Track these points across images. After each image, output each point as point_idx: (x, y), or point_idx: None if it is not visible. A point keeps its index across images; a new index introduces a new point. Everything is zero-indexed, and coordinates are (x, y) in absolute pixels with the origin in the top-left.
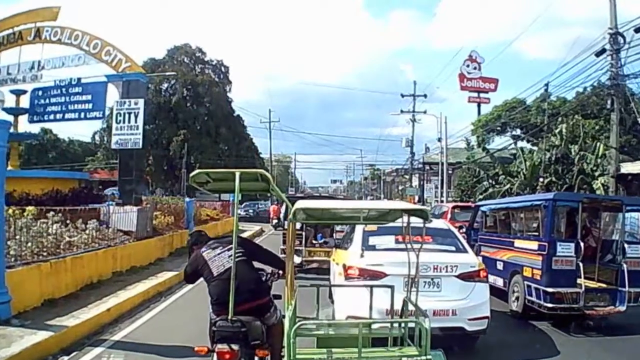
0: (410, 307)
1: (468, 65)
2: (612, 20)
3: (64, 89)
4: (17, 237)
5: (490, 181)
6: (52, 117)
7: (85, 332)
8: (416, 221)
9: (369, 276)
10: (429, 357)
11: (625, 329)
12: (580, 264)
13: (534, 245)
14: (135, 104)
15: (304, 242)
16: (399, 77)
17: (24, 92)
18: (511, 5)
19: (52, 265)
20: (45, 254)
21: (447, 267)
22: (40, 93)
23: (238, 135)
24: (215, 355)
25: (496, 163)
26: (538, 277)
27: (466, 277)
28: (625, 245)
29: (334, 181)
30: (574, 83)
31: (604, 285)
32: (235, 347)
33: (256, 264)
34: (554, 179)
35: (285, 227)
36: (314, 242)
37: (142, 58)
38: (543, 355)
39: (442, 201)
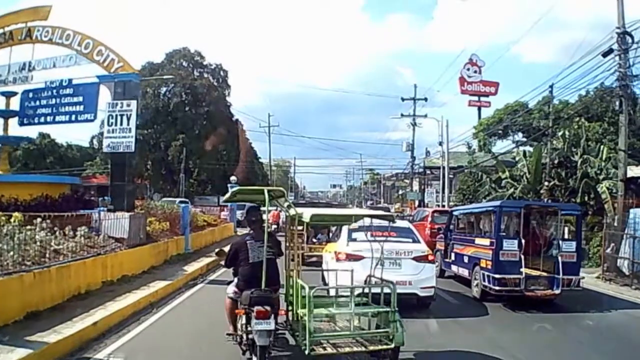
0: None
1: (468, 69)
2: (619, 19)
3: (54, 91)
4: (0, 245)
5: (493, 185)
6: (42, 119)
7: (68, 349)
8: (386, 222)
9: (352, 258)
10: (396, 309)
11: (561, 308)
12: (522, 256)
13: (487, 242)
14: (128, 105)
15: (305, 240)
16: (398, 80)
17: (14, 93)
18: (509, 8)
19: (35, 276)
20: (29, 263)
21: (405, 252)
22: (30, 95)
23: (237, 139)
24: (254, 313)
25: (500, 167)
26: (490, 267)
27: (418, 259)
28: (561, 242)
29: (334, 186)
30: (579, 84)
31: (544, 273)
32: (268, 307)
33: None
34: (557, 182)
35: (284, 232)
36: (314, 240)
37: (140, 62)
38: (495, 323)
39: (443, 205)
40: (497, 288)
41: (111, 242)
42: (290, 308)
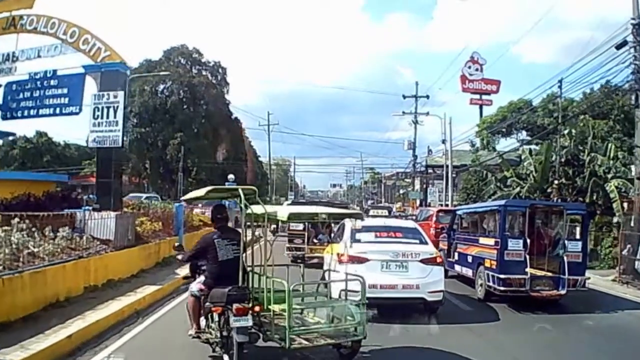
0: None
1: (470, 67)
2: (634, 10)
3: (38, 82)
4: None
5: (498, 184)
6: (25, 113)
7: None
8: (391, 222)
9: (356, 261)
10: (365, 301)
11: (566, 308)
12: (528, 256)
13: (492, 241)
14: (115, 97)
15: (306, 241)
16: (399, 80)
17: None
18: (509, 8)
19: (5, 282)
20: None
21: (412, 254)
22: (14, 87)
23: (236, 138)
24: (233, 310)
25: (505, 166)
26: (494, 267)
27: (426, 261)
28: (566, 242)
29: (334, 185)
30: (590, 79)
31: (549, 274)
32: (247, 305)
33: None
34: (564, 181)
35: (285, 232)
36: (314, 241)
37: (138, 60)
38: (499, 324)
39: (446, 204)
40: (501, 288)
41: (96, 244)
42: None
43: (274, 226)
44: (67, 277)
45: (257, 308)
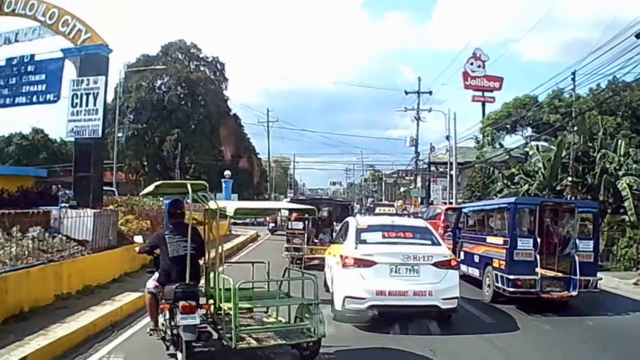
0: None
1: (472, 63)
2: None
3: (14, 68)
4: None
5: (506, 181)
6: (0, 102)
7: None
8: (400, 221)
9: (362, 264)
10: (318, 301)
11: (577, 310)
12: (538, 256)
13: (500, 240)
14: (95, 82)
15: (305, 240)
16: (399, 79)
17: None
18: (509, 7)
19: None
20: None
21: (424, 256)
22: None
23: (235, 134)
24: (179, 307)
25: (512, 163)
26: (503, 267)
27: (439, 265)
28: (578, 241)
29: (333, 183)
30: (606, 71)
31: (560, 274)
32: (193, 302)
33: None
34: (574, 178)
35: (283, 230)
36: (315, 240)
37: (136, 55)
38: (506, 329)
39: (450, 202)
40: (511, 289)
41: (72, 246)
42: (210, 302)
43: (272, 224)
44: (34, 284)
45: (206, 306)
